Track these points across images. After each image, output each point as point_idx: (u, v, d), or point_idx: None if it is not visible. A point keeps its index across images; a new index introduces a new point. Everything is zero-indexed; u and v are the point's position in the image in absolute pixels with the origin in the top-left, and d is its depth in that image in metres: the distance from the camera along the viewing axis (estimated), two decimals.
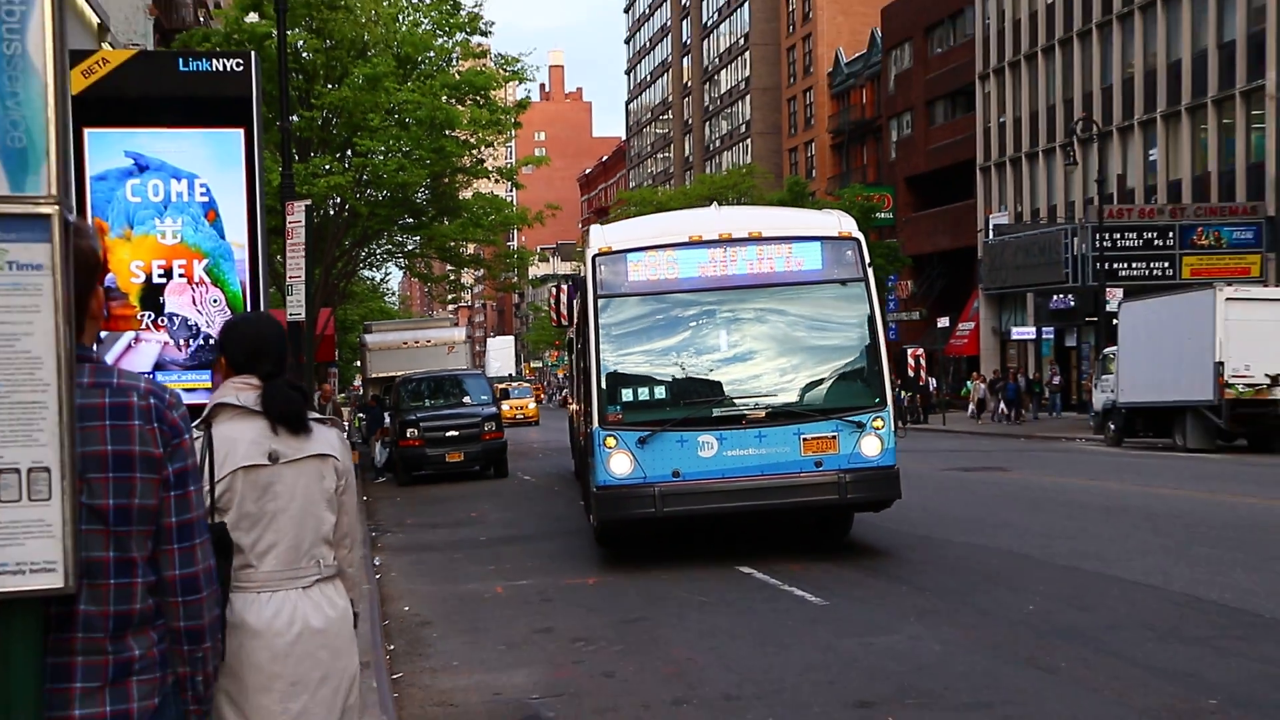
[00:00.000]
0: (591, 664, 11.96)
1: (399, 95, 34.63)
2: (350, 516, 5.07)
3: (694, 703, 10.35)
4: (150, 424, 3.65)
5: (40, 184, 3.51)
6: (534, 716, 10.29)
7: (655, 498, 15.71)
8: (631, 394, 16.73)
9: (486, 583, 17.08)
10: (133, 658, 3.63)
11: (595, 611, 14.57)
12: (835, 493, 16.07)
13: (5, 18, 3.46)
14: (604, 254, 16.88)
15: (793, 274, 17.05)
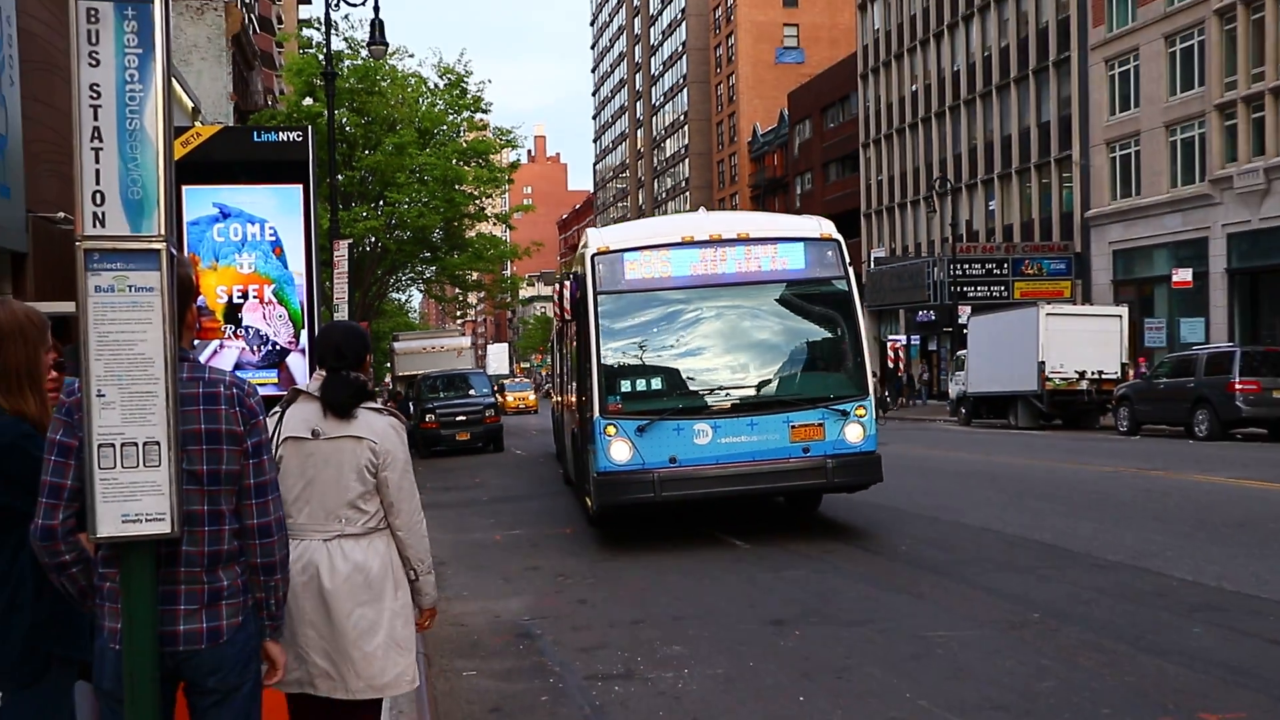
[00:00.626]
0: (570, 594, 11.95)
1: (420, 159, 34.80)
2: (394, 490, 4.82)
3: (648, 622, 10.33)
4: (234, 408, 3.83)
5: (152, 226, 3.56)
6: (525, 633, 10.24)
7: (654, 483, 13.47)
8: (630, 385, 14.36)
9: (488, 532, 17.00)
10: (222, 586, 3.81)
11: (573, 554, 14.54)
12: (822, 477, 13.99)
13: (128, 102, 3.51)
14: (602, 254, 14.59)
15: (779, 273, 14.80)
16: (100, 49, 3.47)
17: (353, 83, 34.43)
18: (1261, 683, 7.60)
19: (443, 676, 8.77)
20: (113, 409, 3.48)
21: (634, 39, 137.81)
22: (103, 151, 3.48)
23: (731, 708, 7.65)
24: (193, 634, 3.75)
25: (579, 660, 9.13)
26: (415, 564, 4.89)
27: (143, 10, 3.50)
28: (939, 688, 7.74)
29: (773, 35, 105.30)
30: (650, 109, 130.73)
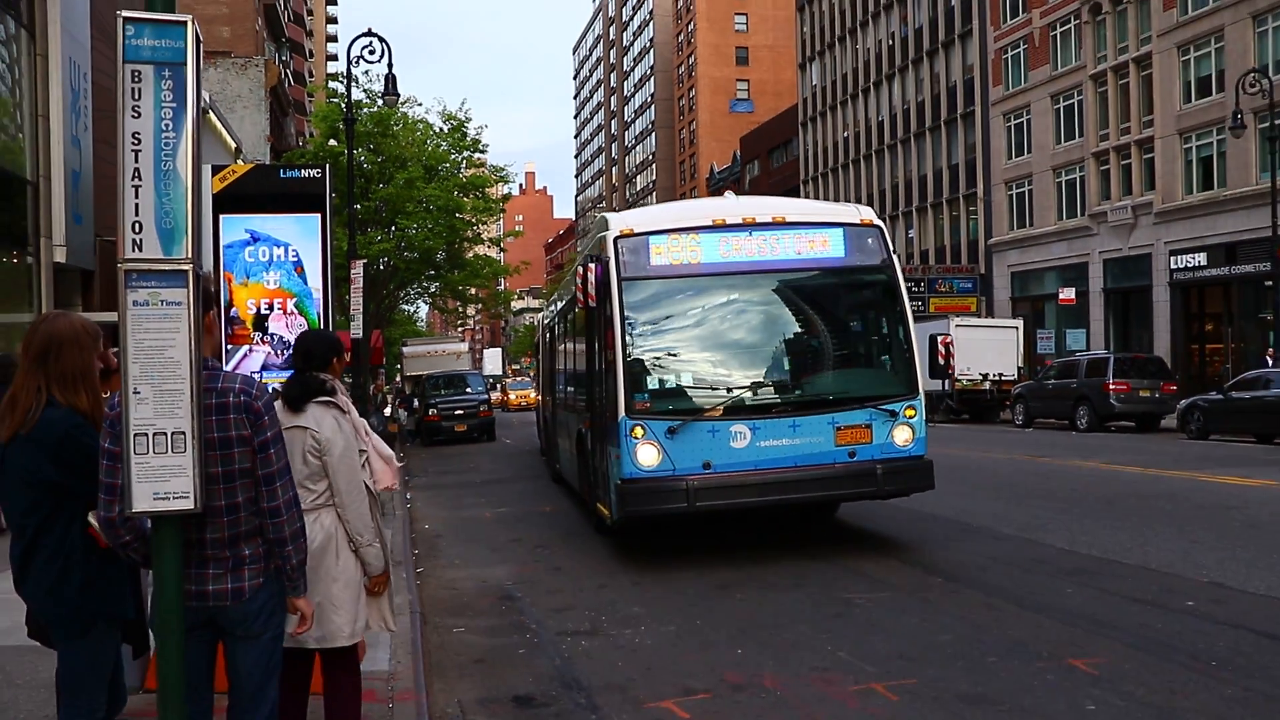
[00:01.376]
0: (547, 562, 11.95)
1: (426, 191, 34.88)
2: (333, 472, 4.69)
3: (611, 587, 10.36)
4: (241, 414, 3.88)
5: (181, 251, 3.60)
6: (507, 596, 10.23)
7: (687, 491, 10.50)
8: (658, 382, 11.29)
9: (479, 510, 16.97)
10: (244, 555, 3.92)
11: (551, 529, 14.49)
12: (871, 484, 11.00)
13: (163, 147, 3.57)
14: (626, 237, 11.38)
15: (819, 260, 11.63)
16: (141, 104, 3.52)
17: (370, 127, 34.50)
18: (1119, 632, 7.69)
19: (436, 632, 8.77)
20: (146, 404, 3.54)
21: (610, 91, 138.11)
22: (141, 188, 3.53)
23: (679, 658, 7.68)
24: (220, 593, 3.89)
25: (552, 619, 9.14)
26: (355, 536, 4.78)
27: (178, 72, 3.55)
28: (857, 641, 7.80)
29: (727, 89, 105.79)
30: (624, 149, 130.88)
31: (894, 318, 11.77)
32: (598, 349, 12.21)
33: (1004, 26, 51.15)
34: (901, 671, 6.99)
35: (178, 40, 3.56)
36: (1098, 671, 6.82)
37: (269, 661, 4.07)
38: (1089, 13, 44.81)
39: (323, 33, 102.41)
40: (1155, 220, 41.31)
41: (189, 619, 3.78)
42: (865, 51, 66.60)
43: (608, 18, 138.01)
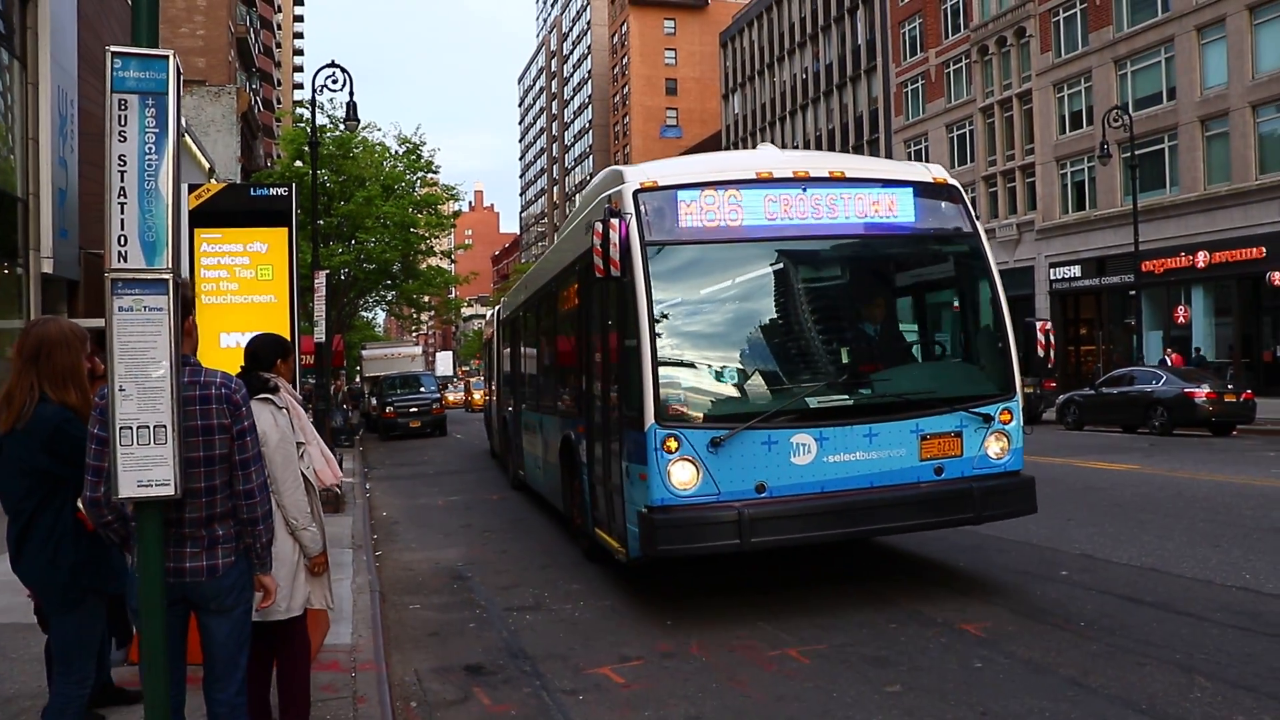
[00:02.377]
0: (494, 545, 11.90)
1: (383, 208, 34.61)
2: (273, 466, 4.56)
3: (554, 567, 10.33)
4: (221, 405, 3.88)
5: (163, 261, 3.58)
6: (459, 576, 10.17)
7: (739, 523, 7.27)
8: (697, 379, 7.79)
9: (433, 498, 16.86)
10: (218, 535, 3.92)
11: (497, 515, 14.43)
12: (967, 508, 7.87)
13: (146, 168, 3.55)
14: (648, 190, 7.97)
15: (890, 226, 8.38)
16: (127, 129, 3.51)
17: (333, 149, 34.24)
18: (1004, 599, 7.85)
19: (394, 609, 8.72)
20: (130, 400, 3.52)
21: (551, 118, 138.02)
22: (126, 205, 3.51)
23: (615, 630, 7.72)
24: (196, 570, 3.89)
25: (500, 596, 9.12)
26: (290, 520, 4.71)
27: (160, 100, 3.55)
28: (777, 613, 7.88)
29: (658, 117, 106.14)
30: (564, 170, 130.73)
31: (983, 298, 8.71)
32: (601, 338, 9.00)
33: (904, 64, 51.91)
34: (814, 639, 7.09)
35: (161, 72, 3.55)
36: (984, 634, 6.97)
37: (240, 634, 4.08)
38: (978, 53, 45.70)
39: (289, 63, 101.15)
40: (1037, 236, 42.28)
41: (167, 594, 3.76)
42: (782, 84, 67.17)
43: (550, 51, 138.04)
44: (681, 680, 6.38)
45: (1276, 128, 32.39)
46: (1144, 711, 5.42)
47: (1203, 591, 7.93)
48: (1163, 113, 35.69)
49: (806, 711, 5.68)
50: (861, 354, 8.51)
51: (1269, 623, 7.04)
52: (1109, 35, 38.15)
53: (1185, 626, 7.02)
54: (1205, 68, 34.68)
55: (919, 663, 6.41)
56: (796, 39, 64.90)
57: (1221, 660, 6.23)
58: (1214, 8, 33.90)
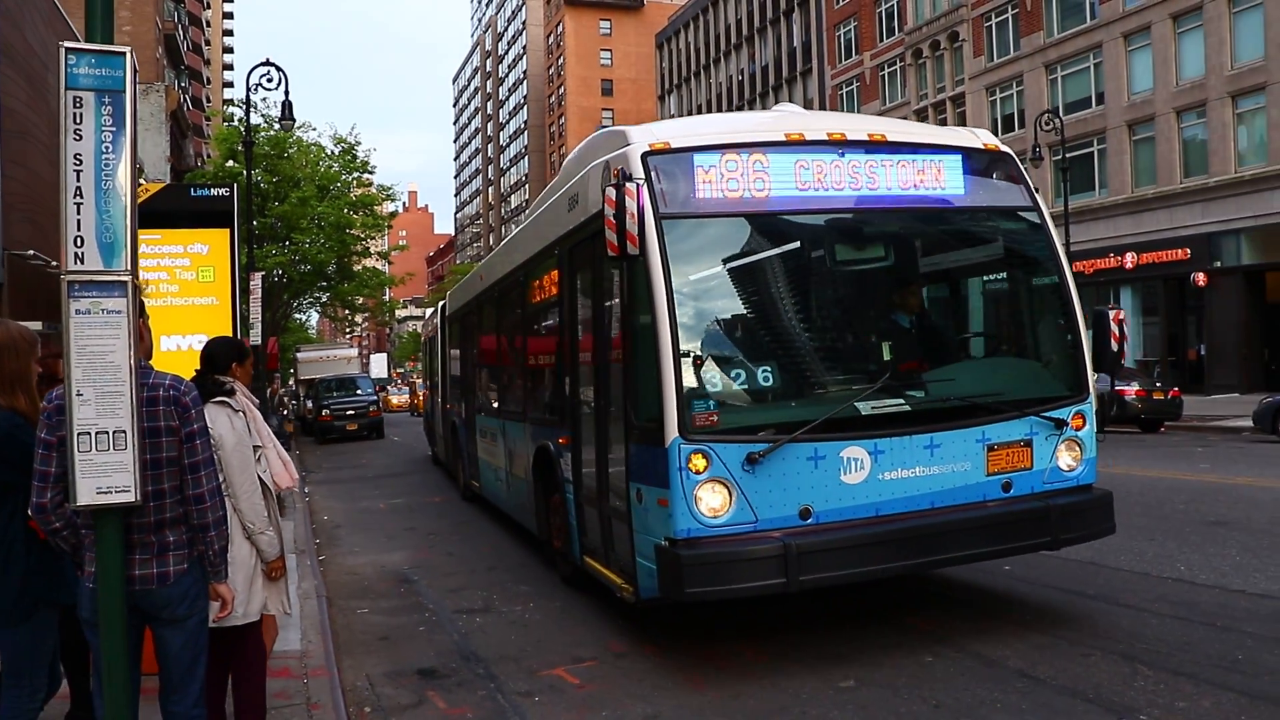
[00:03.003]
0: (439, 548, 11.83)
1: (318, 209, 34.35)
2: (229, 470, 4.57)
3: (500, 568, 10.31)
4: (170, 407, 3.82)
5: (121, 263, 3.54)
6: (405, 579, 10.10)
7: (786, 558, 5.94)
8: (725, 381, 6.38)
9: (374, 501, 16.71)
10: (169, 541, 3.84)
11: (442, 517, 14.35)
12: (1045, 532, 6.68)
13: (104, 167, 3.50)
14: (659, 153, 6.56)
15: (939, 198, 7.07)
16: (83, 127, 3.46)
17: (267, 149, 33.85)
18: (952, 592, 7.98)
19: (341, 614, 8.64)
20: (89, 405, 3.47)
21: (487, 118, 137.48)
22: (83, 205, 3.47)
23: (566, 631, 7.72)
24: (146, 577, 3.81)
25: (448, 599, 9.08)
26: (247, 524, 4.69)
27: (117, 99, 3.50)
28: (734, 615, 7.93)
29: (593, 117, 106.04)
30: (499, 171, 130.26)
31: (1049, 283, 7.40)
32: (596, 332, 7.53)
33: (839, 66, 52.47)
34: (767, 636, 7.15)
35: (117, 69, 3.50)
36: (933, 630, 7.08)
37: (196, 644, 4.00)
38: (911, 56, 46.35)
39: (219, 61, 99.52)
40: None
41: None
42: (718, 85, 67.53)
43: (484, 51, 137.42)
44: (636, 680, 6.41)
45: (1199, 133, 33.29)
46: (1091, 700, 5.55)
47: (1140, 584, 8.14)
48: (1092, 117, 36.50)
49: (764, 708, 5.74)
50: (915, 350, 7.20)
51: (1204, 612, 7.25)
52: (1040, 40, 38.93)
53: (1126, 618, 7.20)
54: (1132, 73, 35.54)
55: (871, 658, 6.50)
56: (733, 41, 65.31)
57: (1162, 649, 6.40)
58: (1139, 15, 34.76)
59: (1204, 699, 5.50)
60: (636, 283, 6.51)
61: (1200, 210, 32.70)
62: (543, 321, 9.85)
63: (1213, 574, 8.38)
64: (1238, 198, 31.67)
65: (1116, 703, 5.50)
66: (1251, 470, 15.04)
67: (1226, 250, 32.30)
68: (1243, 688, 5.64)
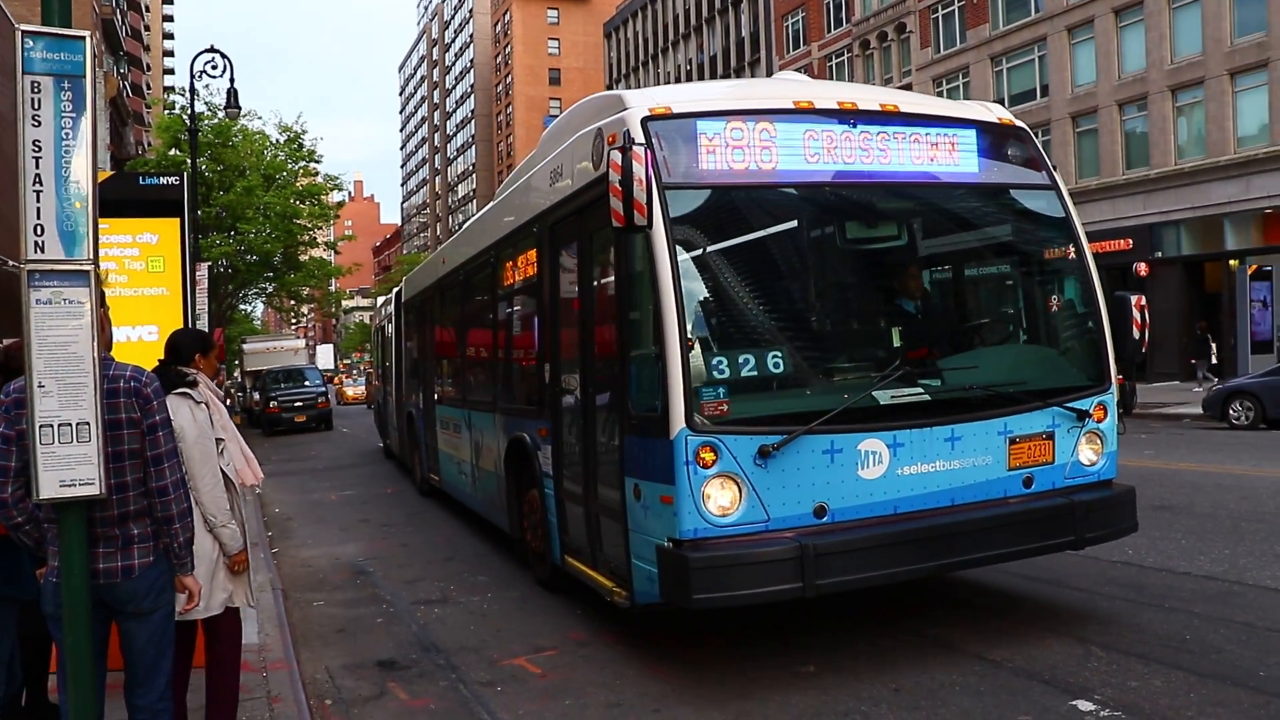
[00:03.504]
0: (393, 539, 11.77)
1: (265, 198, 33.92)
2: (191, 462, 4.49)
3: (457, 559, 10.29)
4: (131, 399, 3.76)
5: (82, 252, 3.49)
6: (361, 571, 10.04)
7: (803, 560, 5.50)
8: (735, 368, 5.79)
9: (325, 493, 16.56)
10: (133, 535, 3.79)
11: (394, 508, 14.27)
12: (1069, 530, 6.35)
13: (64, 154, 3.45)
14: (660, 118, 6.05)
15: (955, 174, 6.68)
16: (41, 113, 3.40)
17: (211, 137, 33.34)
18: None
19: (297, 606, 8.57)
20: (51, 397, 3.42)
21: (433, 107, 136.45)
22: (42, 193, 3.41)
23: (526, 621, 7.72)
24: (110, 570, 3.77)
25: (405, 590, 9.04)
26: (209, 517, 4.65)
27: (77, 84, 3.45)
28: None
29: (541, 106, 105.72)
30: (446, 160, 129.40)
31: (1070, 266, 7.09)
32: (584, 314, 7.03)
33: (788, 56, 52.68)
34: (726, 624, 7.20)
35: (77, 54, 3.44)
36: (890, 615, 7.17)
37: (161, 638, 3.96)
38: (860, 47, 46.67)
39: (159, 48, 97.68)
40: None
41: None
42: (666, 75, 67.50)
43: (431, 39, 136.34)
44: (598, 668, 6.43)
45: (1139, 126, 33.88)
46: (1047, 682, 5.66)
47: (1091, 568, 8.29)
48: (1037, 109, 36.98)
49: (726, 694, 5.78)
50: (933, 336, 6.88)
51: (1152, 594, 7.42)
52: (986, 33, 39.37)
53: (1077, 601, 7.35)
54: (1075, 66, 36.05)
55: (831, 644, 6.57)
56: (681, 30, 65.33)
57: (1113, 631, 6.55)
58: (1083, 9, 35.26)
59: (1155, 678, 5.63)
60: (636, 259, 6.01)
61: (1142, 201, 33.29)
62: (518, 305, 9.37)
63: (1159, 557, 8.57)
64: (1178, 189, 32.29)
65: (1072, 683, 5.62)
66: (1193, 456, 15.37)
67: (1167, 241, 32.94)
68: (1191, 666, 5.79)
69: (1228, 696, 5.31)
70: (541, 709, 5.75)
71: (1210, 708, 5.17)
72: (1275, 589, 7.44)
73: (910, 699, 5.53)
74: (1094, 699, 5.37)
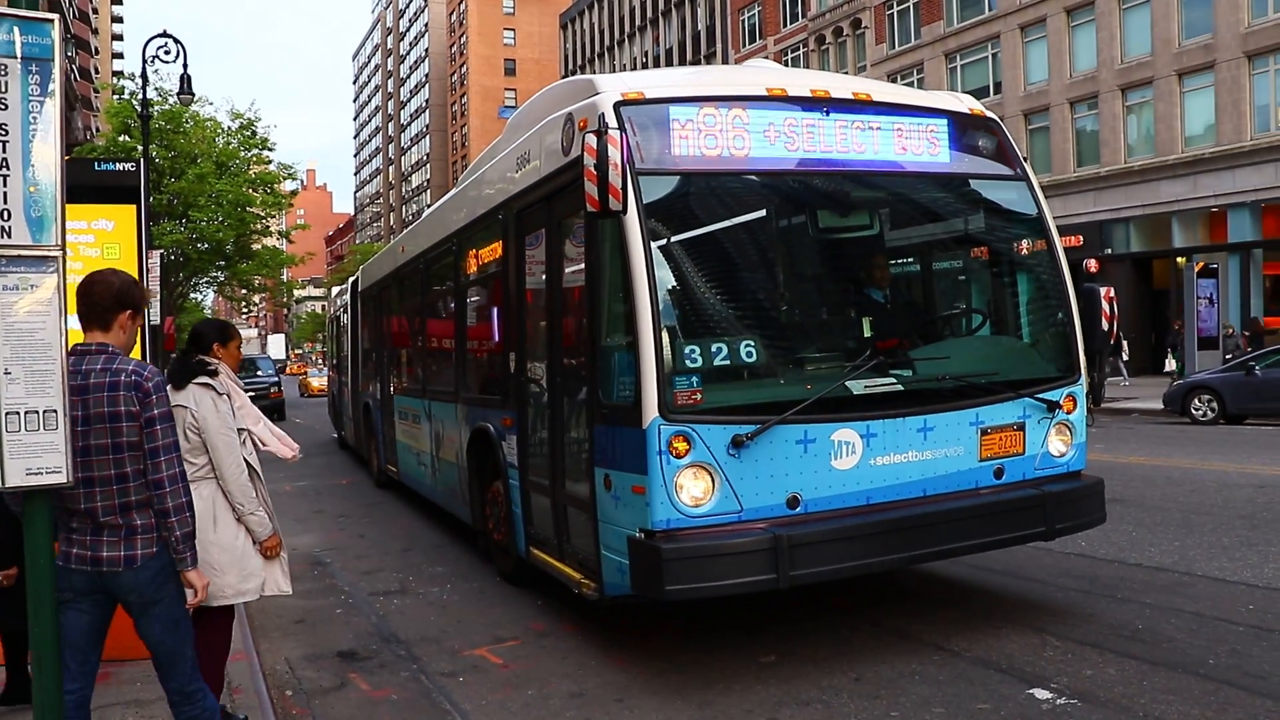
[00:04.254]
0: (350, 530, 11.70)
1: (217, 186, 33.55)
2: (215, 452, 4.73)
3: (415, 550, 10.25)
4: (131, 392, 3.75)
5: (50, 238, 3.46)
6: (318, 562, 9.98)
7: (776, 551, 5.45)
8: (707, 357, 5.73)
9: (279, 484, 16.30)
10: (135, 525, 3.82)
11: (350, 500, 14.18)
12: (1040, 521, 6.37)
13: (31, 138, 3.44)
14: (632, 103, 5.94)
15: (928, 164, 6.67)
16: (8, 96, 3.35)
17: (162, 124, 32.88)
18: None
19: None
20: (18, 384, 3.38)
21: (387, 96, 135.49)
22: (9, 178, 3.36)
23: (486, 611, 7.72)
24: (113, 559, 3.78)
25: (363, 581, 9.00)
26: (236, 505, 4.81)
27: (44, 67, 3.40)
28: None
29: (496, 96, 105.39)
30: (400, 150, 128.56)
31: (1040, 257, 7.12)
32: (552, 302, 6.94)
33: (743, 50, 52.87)
34: (687, 614, 7.25)
35: (45, 37, 3.39)
36: (849, 605, 7.26)
37: (175, 629, 3.96)
38: (815, 42, 46.93)
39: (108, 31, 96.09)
40: None
41: (83, 584, 3.75)
42: (622, 67, 67.49)
43: (386, 28, 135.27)
44: (560, 658, 6.45)
45: (1090, 124, 34.40)
46: (1004, 670, 5.77)
47: (1045, 559, 8.43)
48: (990, 105, 37.18)
49: (689, 683, 5.83)
50: (905, 326, 6.90)
51: (1105, 585, 7.57)
52: (940, 30, 39.76)
53: (1033, 591, 7.48)
54: (1028, 64, 36.52)
55: (792, 634, 6.63)
56: (637, 23, 65.35)
57: (1068, 621, 6.68)
58: (1036, 8, 35.72)
59: (1109, 667, 5.75)
60: (608, 246, 5.95)
61: (1092, 199, 33.81)
62: (481, 294, 9.26)
63: (1111, 549, 8.73)
64: (1127, 187, 32.83)
65: (1028, 672, 5.72)
66: (1142, 450, 15.66)
67: (1116, 238, 33.51)
68: (1144, 655, 5.93)
69: (1178, 684, 5.45)
70: (504, 699, 5.76)
71: (1162, 695, 5.29)
72: (1223, 579, 7.63)
73: (870, 688, 5.61)
74: (1050, 687, 5.47)
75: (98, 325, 3.83)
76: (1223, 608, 6.88)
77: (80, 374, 3.68)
